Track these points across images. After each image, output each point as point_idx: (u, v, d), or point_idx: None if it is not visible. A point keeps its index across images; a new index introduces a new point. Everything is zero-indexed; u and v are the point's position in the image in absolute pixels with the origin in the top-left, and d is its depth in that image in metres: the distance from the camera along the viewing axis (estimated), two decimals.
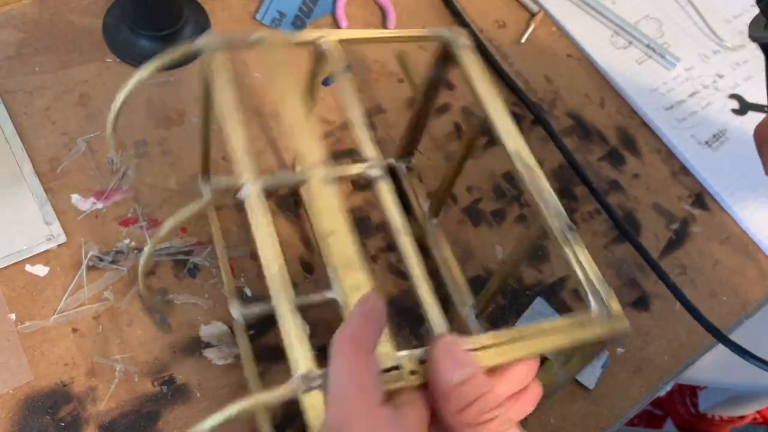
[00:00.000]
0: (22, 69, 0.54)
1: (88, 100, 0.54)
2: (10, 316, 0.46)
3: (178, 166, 0.53)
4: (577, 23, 0.68)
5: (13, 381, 0.44)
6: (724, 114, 0.66)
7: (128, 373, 0.45)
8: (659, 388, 0.53)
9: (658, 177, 0.62)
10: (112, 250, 0.49)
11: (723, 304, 0.57)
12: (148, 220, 0.50)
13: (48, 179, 0.50)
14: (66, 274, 0.48)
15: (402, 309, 0.51)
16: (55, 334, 0.46)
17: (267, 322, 0.49)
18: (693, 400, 0.97)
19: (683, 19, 0.71)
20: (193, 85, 0.56)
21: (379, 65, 0.62)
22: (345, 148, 0.57)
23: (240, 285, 0.50)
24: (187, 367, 0.46)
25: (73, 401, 0.44)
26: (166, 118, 0.55)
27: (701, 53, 0.69)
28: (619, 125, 0.64)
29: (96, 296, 0.47)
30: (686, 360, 0.54)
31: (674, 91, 0.66)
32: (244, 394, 0.44)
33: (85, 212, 0.50)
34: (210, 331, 0.48)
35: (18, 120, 0.52)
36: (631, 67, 0.67)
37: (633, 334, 0.54)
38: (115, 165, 0.52)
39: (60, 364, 0.45)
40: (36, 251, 0.48)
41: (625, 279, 0.56)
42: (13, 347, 0.45)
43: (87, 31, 0.57)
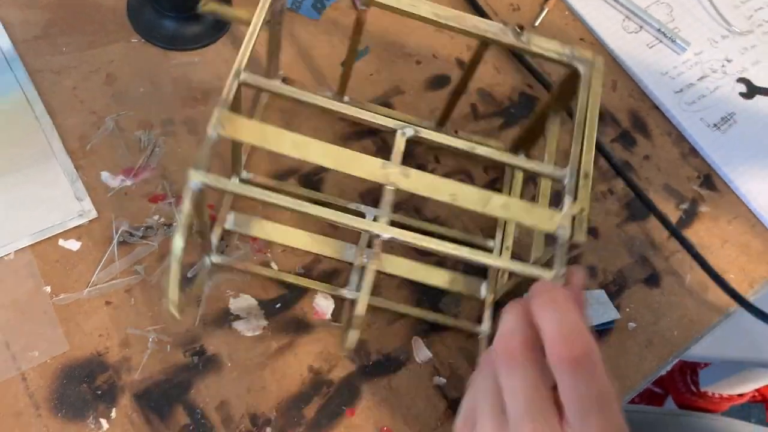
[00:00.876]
0: (50, 49, 0.55)
1: (114, 79, 0.55)
2: (45, 289, 0.47)
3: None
4: (589, 7, 0.69)
5: (50, 351, 0.46)
6: (733, 97, 0.68)
7: (161, 344, 0.47)
8: (669, 361, 0.55)
9: (669, 158, 0.63)
10: (141, 226, 0.50)
11: (731, 282, 0.59)
12: (177, 197, 0.52)
13: (78, 157, 0.52)
14: (98, 248, 0.49)
15: (422, 283, 0.53)
16: (89, 306, 0.47)
17: (294, 296, 0.50)
18: (693, 379, 1.00)
19: (693, 4, 0.72)
20: (217, 66, 0.57)
21: (397, 47, 0.63)
22: (366, 128, 0.58)
23: (266, 260, 0.51)
24: (217, 339, 0.48)
25: (108, 370, 0.46)
26: (192, 98, 0.56)
27: (710, 38, 0.71)
28: (630, 108, 0.65)
29: (127, 270, 0.49)
30: (695, 335, 0.56)
31: (684, 75, 0.68)
32: (273, 363, 0.46)
33: (114, 189, 0.51)
34: (239, 305, 0.49)
35: (47, 99, 0.53)
36: (642, 52, 0.68)
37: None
38: (143, 143, 0.53)
39: (95, 335, 0.47)
40: (68, 226, 0.49)
41: (636, 257, 0.58)
42: (50, 319, 0.47)
43: (111, 12, 0.58)
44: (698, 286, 0.58)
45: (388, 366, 0.49)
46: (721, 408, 1.00)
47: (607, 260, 0.58)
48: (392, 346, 0.50)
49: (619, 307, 0.55)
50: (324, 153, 0.40)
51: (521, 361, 0.34)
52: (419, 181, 0.41)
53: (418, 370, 0.50)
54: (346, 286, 0.51)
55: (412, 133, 0.43)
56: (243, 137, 0.39)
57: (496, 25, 0.46)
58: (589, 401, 0.32)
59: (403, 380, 0.49)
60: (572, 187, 0.43)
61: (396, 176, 0.40)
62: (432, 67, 0.62)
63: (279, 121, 0.57)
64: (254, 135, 0.39)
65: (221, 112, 0.39)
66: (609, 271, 0.57)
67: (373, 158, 0.41)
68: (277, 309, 0.50)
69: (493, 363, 0.36)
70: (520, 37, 0.45)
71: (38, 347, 0.46)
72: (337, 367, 0.49)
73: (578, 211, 0.42)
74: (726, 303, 0.58)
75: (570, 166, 0.44)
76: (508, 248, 0.55)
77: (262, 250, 0.51)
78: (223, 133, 0.39)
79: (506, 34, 0.45)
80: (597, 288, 0.56)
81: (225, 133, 0.39)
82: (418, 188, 0.40)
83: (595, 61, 0.46)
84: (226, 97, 0.40)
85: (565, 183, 0.43)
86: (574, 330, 0.33)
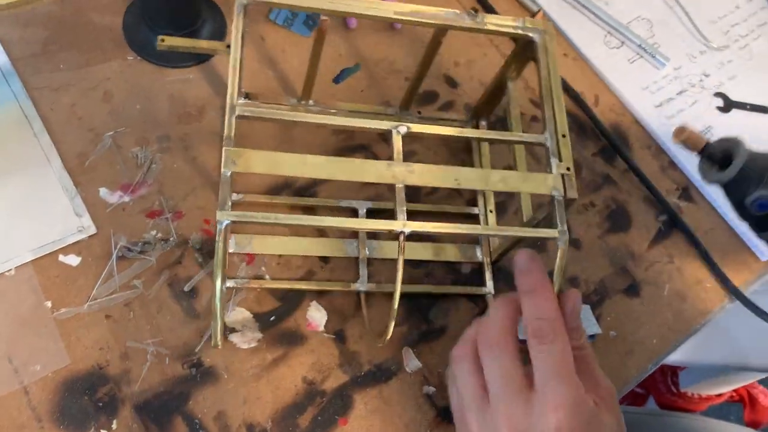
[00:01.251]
0: (48, 66, 0.56)
1: (111, 96, 0.57)
2: (46, 304, 0.49)
3: (199, 160, 0.55)
4: (572, 23, 0.72)
5: (52, 364, 0.47)
6: (710, 111, 0.70)
7: (159, 356, 0.49)
8: (648, 369, 0.57)
9: (648, 171, 0.66)
10: (139, 241, 0.52)
11: (708, 290, 0.61)
12: (173, 212, 0.53)
13: (76, 173, 0.53)
14: (97, 263, 0.51)
15: (412, 294, 0.55)
16: (89, 320, 0.49)
17: (287, 309, 0.52)
18: (674, 380, 1.03)
19: (672, 20, 0.75)
20: (212, 83, 0.59)
21: (387, 63, 0.65)
22: (356, 144, 0.60)
23: (259, 273, 0.53)
24: (214, 351, 0.50)
25: (109, 383, 0.47)
26: (188, 114, 0.57)
27: (689, 53, 0.73)
28: (612, 122, 0.68)
29: (126, 285, 0.50)
30: (674, 342, 0.59)
31: (664, 89, 0.70)
32: (268, 374, 0.48)
33: (112, 205, 0.53)
34: (234, 317, 0.51)
35: (46, 116, 0.54)
36: (623, 66, 0.70)
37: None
38: (139, 159, 0.55)
39: (95, 348, 0.48)
40: (68, 242, 0.51)
41: (617, 267, 0.60)
42: (51, 333, 0.48)
43: (108, 30, 0.59)
44: (676, 296, 0.60)
45: (379, 376, 0.51)
46: (701, 408, 1.03)
47: (589, 271, 0.60)
48: (383, 356, 0.52)
49: (601, 317, 0.58)
50: (333, 167, 0.43)
51: (498, 345, 0.41)
52: (424, 173, 0.44)
53: (408, 380, 0.52)
54: (357, 280, 0.54)
55: (406, 130, 0.46)
56: (256, 169, 0.41)
57: (452, 12, 0.49)
58: (552, 370, 0.39)
59: (394, 390, 0.51)
60: (555, 148, 0.47)
61: (403, 174, 0.44)
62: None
63: (272, 128, 0.58)
64: (266, 164, 0.41)
65: (228, 151, 0.41)
66: (591, 282, 0.59)
67: (378, 162, 0.44)
68: (272, 321, 0.51)
69: (468, 355, 0.43)
70: (476, 19, 0.49)
71: (40, 361, 0.47)
72: (330, 377, 0.50)
73: (565, 169, 0.47)
74: (705, 309, 0.60)
75: (548, 130, 0.48)
76: (492, 211, 0.59)
77: (257, 264, 0.53)
78: (236, 169, 0.41)
79: (463, 19, 0.49)
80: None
81: (238, 168, 0.41)
82: (424, 180, 0.44)
83: (546, 28, 0.51)
84: (228, 134, 0.42)
85: (548, 145, 0.48)
86: (546, 315, 0.41)
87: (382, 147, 0.60)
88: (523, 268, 0.44)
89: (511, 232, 0.47)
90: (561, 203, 0.46)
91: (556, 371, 0.39)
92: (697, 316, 0.60)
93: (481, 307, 0.56)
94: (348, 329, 0.52)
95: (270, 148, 0.57)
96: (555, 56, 0.50)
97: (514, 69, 0.54)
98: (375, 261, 0.55)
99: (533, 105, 0.66)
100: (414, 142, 0.61)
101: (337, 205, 0.56)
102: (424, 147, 0.61)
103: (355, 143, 0.60)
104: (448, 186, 0.45)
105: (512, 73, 0.55)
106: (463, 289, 0.56)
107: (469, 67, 0.66)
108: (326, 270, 0.54)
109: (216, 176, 0.54)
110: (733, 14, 0.77)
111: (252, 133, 0.58)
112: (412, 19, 0.48)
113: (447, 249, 0.57)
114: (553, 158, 0.47)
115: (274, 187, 0.56)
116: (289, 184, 0.57)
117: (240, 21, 0.45)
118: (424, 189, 0.59)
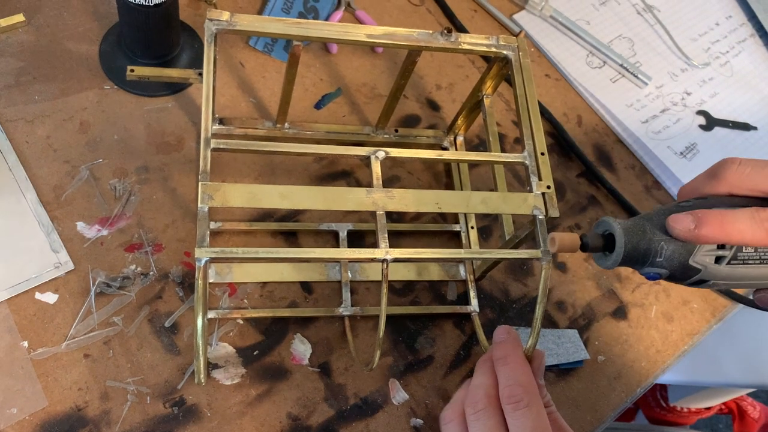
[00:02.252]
0: (22, 98, 0.55)
1: (88, 127, 0.56)
2: (22, 344, 0.47)
3: (179, 191, 0.55)
4: (554, 44, 0.72)
5: (29, 407, 0.46)
6: (693, 129, 0.70)
7: (140, 396, 0.47)
8: (637, 393, 0.57)
9: (633, 191, 0.66)
10: (119, 276, 0.51)
11: (694, 311, 0.61)
12: (153, 245, 0.52)
13: (53, 207, 0.52)
14: (75, 300, 0.49)
15: (398, 324, 0.54)
16: (67, 360, 0.47)
17: (271, 343, 0.51)
18: (663, 394, 1.02)
19: (653, 38, 0.75)
20: (190, 111, 0.58)
21: (368, 88, 0.64)
22: (339, 170, 0.59)
23: (242, 305, 0.52)
24: (197, 388, 0.48)
25: (88, 425, 0.46)
26: (166, 144, 0.56)
27: (670, 71, 0.73)
28: (595, 142, 0.68)
29: (105, 321, 0.49)
30: (662, 365, 0.58)
31: (647, 107, 0.70)
32: (252, 411, 0.47)
33: (90, 239, 0.52)
34: (217, 353, 0.50)
35: (20, 149, 0.53)
36: (606, 86, 0.70)
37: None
38: (118, 191, 0.54)
39: (74, 389, 0.47)
40: (45, 279, 0.49)
41: (604, 290, 0.60)
42: (28, 374, 0.47)
43: (84, 58, 0.58)
44: (663, 317, 0.60)
45: (365, 410, 0.50)
46: (690, 421, 1.03)
47: (576, 294, 0.59)
48: (369, 389, 0.51)
49: (588, 341, 0.57)
50: (312, 197, 0.43)
51: (483, 410, 0.44)
52: (404, 199, 0.44)
53: (395, 412, 0.51)
54: (340, 305, 0.53)
55: (384, 155, 0.46)
56: (234, 203, 0.40)
57: (425, 33, 0.49)
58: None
59: (381, 423, 0.50)
60: (534, 167, 0.48)
61: (383, 200, 0.44)
62: (402, 107, 0.64)
63: (252, 155, 0.57)
64: (243, 198, 0.41)
65: (204, 186, 0.40)
66: (578, 305, 0.59)
67: (357, 189, 0.44)
68: (255, 356, 0.50)
69: (456, 417, 0.46)
70: (450, 39, 0.49)
71: (16, 404, 0.46)
72: (315, 412, 0.49)
73: (545, 188, 0.47)
74: (692, 330, 0.60)
75: (527, 149, 0.48)
76: (473, 228, 0.59)
77: (239, 296, 0.52)
78: (213, 204, 0.40)
79: (437, 39, 0.49)
80: (568, 323, 0.58)
81: (215, 203, 0.40)
82: (405, 206, 0.44)
83: (519, 42, 0.51)
84: (204, 168, 0.41)
85: (528, 164, 0.48)
86: (517, 381, 0.44)
87: (365, 172, 0.60)
88: (497, 340, 0.47)
89: (495, 254, 0.47)
90: (543, 222, 0.46)
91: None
92: (685, 337, 0.60)
93: (468, 333, 0.55)
94: (333, 362, 0.51)
95: (251, 174, 0.57)
96: (530, 73, 0.50)
97: (490, 86, 0.54)
98: (359, 287, 0.55)
99: (516, 126, 0.66)
100: (396, 167, 0.61)
101: (318, 228, 0.55)
102: (406, 171, 0.61)
103: (338, 169, 0.59)
104: (429, 210, 0.45)
105: (487, 90, 0.54)
106: (448, 308, 0.55)
107: (450, 90, 0.66)
108: (310, 301, 0.53)
109: (196, 207, 0.53)
110: (713, 31, 0.77)
111: (232, 159, 0.57)
112: (385, 41, 0.47)
113: (430, 268, 0.57)
114: (533, 177, 0.47)
115: (256, 216, 0.55)
116: (271, 213, 0.56)
117: (211, 50, 0.44)
118: (408, 213, 0.59)
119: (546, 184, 0.47)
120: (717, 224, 0.36)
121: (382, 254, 0.43)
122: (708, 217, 0.37)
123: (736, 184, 0.38)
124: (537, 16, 0.73)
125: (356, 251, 0.43)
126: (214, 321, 0.51)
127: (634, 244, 0.38)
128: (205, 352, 0.42)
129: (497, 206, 0.46)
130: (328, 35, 0.46)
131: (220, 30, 0.45)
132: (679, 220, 0.37)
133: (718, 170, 0.39)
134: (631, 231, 0.39)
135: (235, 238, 0.54)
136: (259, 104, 0.60)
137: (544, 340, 0.56)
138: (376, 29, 0.47)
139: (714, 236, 0.37)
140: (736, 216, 0.37)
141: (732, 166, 0.39)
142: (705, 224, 0.36)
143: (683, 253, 0.38)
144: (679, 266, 0.38)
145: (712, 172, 0.40)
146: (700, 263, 0.38)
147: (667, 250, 0.38)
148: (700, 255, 0.38)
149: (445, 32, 0.48)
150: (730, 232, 0.36)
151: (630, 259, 0.39)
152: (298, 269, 0.54)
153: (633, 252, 0.39)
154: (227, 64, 0.61)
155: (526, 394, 0.42)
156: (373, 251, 0.43)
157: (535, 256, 0.45)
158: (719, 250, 0.38)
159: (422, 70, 0.66)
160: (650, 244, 0.38)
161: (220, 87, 0.60)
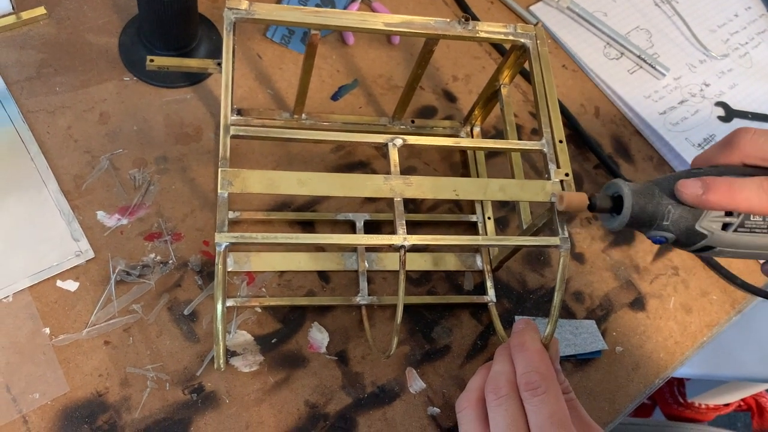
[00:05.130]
0: (43, 89, 0.56)
1: (108, 118, 0.56)
2: (44, 331, 0.48)
3: (197, 181, 0.55)
4: (571, 35, 0.71)
5: (50, 392, 0.46)
6: (712, 120, 0.70)
7: (160, 382, 0.48)
8: (655, 384, 0.57)
9: None
10: (138, 264, 0.51)
11: (713, 303, 0.61)
12: (172, 234, 0.53)
13: (73, 197, 0.52)
14: (95, 288, 0.50)
15: (414, 314, 0.54)
16: (88, 346, 0.48)
17: (288, 331, 0.51)
18: (681, 390, 1.02)
19: (671, 29, 0.74)
20: (208, 102, 0.58)
21: (384, 79, 0.64)
22: (356, 160, 0.59)
23: (260, 294, 0.52)
24: (215, 375, 0.49)
25: (108, 410, 0.46)
26: (185, 135, 0.57)
27: (689, 63, 0.73)
28: (613, 133, 0.67)
29: (125, 309, 0.50)
30: (680, 357, 0.58)
31: (665, 98, 0.70)
32: (270, 398, 0.48)
33: (110, 228, 0.52)
34: (235, 341, 0.50)
35: (42, 139, 0.54)
36: (624, 77, 0.70)
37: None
38: (137, 181, 0.54)
39: (94, 375, 0.47)
40: (66, 267, 0.50)
41: (622, 281, 0.60)
42: (49, 360, 0.47)
43: (104, 50, 0.59)
44: (682, 308, 0.60)
45: (383, 398, 0.50)
46: (708, 418, 1.02)
47: (594, 285, 0.59)
48: (386, 377, 0.51)
49: (606, 331, 0.57)
50: (330, 184, 0.43)
51: (506, 395, 0.43)
52: (421, 186, 0.44)
53: (412, 401, 0.51)
54: (357, 294, 0.53)
55: (402, 142, 0.46)
56: (253, 189, 0.41)
57: (443, 21, 0.48)
58: (548, 421, 0.41)
59: (398, 411, 0.50)
60: (552, 155, 0.47)
61: (400, 187, 0.44)
62: (419, 98, 0.64)
63: (270, 145, 0.58)
64: (262, 184, 0.41)
65: (224, 172, 0.41)
66: (596, 296, 0.59)
67: (375, 176, 0.44)
68: (273, 344, 0.51)
69: (473, 404, 0.45)
70: (467, 27, 0.48)
71: (39, 389, 0.46)
72: (333, 400, 0.50)
73: (564, 175, 0.46)
74: (711, 322, 0.60)
75: (545, 137, 0.48)
76: (490, 218, 0.59)
77: (257, 284, 0.52)
78: (232, 190, 0.40)
79: (454, 27, 0.48)
80: (586, 314, 0.57)
81: (234, 189, 0.40)
82: (422, 193, 0.44)
83: (537, 31, 0.50)
84: (223, 155, 0.41)
85: (546, 151, 0.48)
86: (535, 368, 0.43)
87: (382, 163, 0.60)
88: (516, 330, 0.47)
89: (513, 241, 0.47)
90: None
91: (551, 421, 0.41)
92: (704, 328, 0.60)
93: (485, 323, 0.55)
94: (350, 350, 0.52)
95: (269, 165, 0.57)
96: (548, 61, 0.50)
97: (507, 75, 0.54)
98: (376, 277, 0.55)
99: (533, 117, 0.66)
100: (413, 157, 0.61)
101: (335, 218, 0.56)
102: (422, 162, 0.61)
103: (355, 160, 0.59)
104: (446, 197, 0.45)
105: (504, 79, 0.54)
106: (464, 298, 0.55)
107: (467, 81, 0.66)
108: (327, 290, 0.53)
109: (214, 196, 0.54)
110: (732, 23, 0.76)
111: (250, 150, 0.57)
112: (403, 30, 0.47)
113: (447, 258, 0.57)
114: (551, 164, 0.47)
115: (273, 206, 0.56)
116: (288, 203, 0.56)
117: (230, 38, 0.45)
118: (425, 203, 0.59)
119: (564, 171, 0.47)
120: (725, 191, 0.36)
121: (400, 240, 0.43)
122: (716, 184, 0.37)
123: (750, 153, 0.38)
124: (554, 8, 0.72)
125: (374, 237, 0.43)
126: (232, 309, 0.51)
127: (642, 206, 0.39)
128: (224, 337, 0.42)
129: (515, 193, 0.46)
130: (345, 23, 0.47)
131: (239, 18, 0.45)
132: (687, 185, 0.37)
133: (732, 139, 0.39)
134: (640, 193, 0.39)
135: (253, 228, 0.55)
136: (276, 96, 0.61)
137: (561, 331, 0.56)
138: (394, 17, 0.47)
139: (721, 203, 0.37)
140: (744, 184, 0.37)
141: (746, 136, 0.39)
142: (713, 190, 0.36)
143: (690, 218, 0.38)
144: (685, 231, 0.39)
145: (726, 141, 0.40)
146: (706, 229, 0.38)
147: (674, 214, 0.38)
148: (707, 221, 0.38)
149: (462, 20, 0.48)
150: (738, 199, 0.36)
151: (637, 222, 0.39)
152: (315, 259, 0.54)
153: (640, 214, 0.39)
154: (245, 56, 0.62)
155: (544, 381, 0.42)
156: (391, 237, 0.43)
157: (554, 243, 0.45)
158: (727, 216, 0.38)
159: (438, 61, 0.66)
160: (657, 207, 0.39)
161: (238, 78, 0.60)
